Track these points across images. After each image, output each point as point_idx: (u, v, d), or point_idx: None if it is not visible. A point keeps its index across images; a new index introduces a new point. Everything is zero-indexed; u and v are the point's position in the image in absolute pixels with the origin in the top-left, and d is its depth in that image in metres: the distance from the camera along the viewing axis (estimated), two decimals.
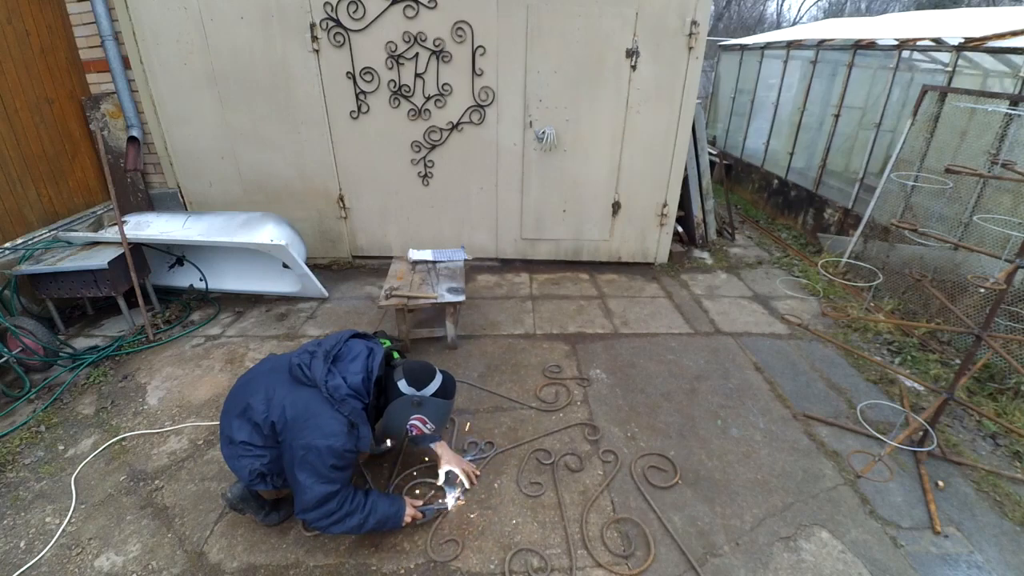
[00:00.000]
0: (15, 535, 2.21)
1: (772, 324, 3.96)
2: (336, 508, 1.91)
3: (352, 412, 1.93)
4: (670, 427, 2.86)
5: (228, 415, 2.05)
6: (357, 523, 1.96)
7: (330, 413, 1.90)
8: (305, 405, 1.92)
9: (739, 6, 23.35)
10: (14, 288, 3.47)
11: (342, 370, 2.00)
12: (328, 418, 1.89)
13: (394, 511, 2.07)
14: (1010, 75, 3.80)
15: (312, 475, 1.86)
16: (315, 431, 1.86)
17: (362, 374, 2.01)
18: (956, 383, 2.63)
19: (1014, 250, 2.95)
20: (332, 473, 1.88)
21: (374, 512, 2.00)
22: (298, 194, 4.66)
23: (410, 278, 3.62)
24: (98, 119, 4.29)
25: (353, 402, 1.95)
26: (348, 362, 2.04)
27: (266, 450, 1.98)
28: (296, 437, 1.87)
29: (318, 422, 1.88)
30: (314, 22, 4.02)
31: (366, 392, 2.01)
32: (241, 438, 1.98)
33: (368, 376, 2.02)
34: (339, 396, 1.93)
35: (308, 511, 1.90)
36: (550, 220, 4.81)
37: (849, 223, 5.10)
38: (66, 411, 2.95)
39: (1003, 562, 2.16)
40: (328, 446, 1.85)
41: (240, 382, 2.13)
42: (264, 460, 1.99)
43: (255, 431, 1.97)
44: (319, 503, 1.89)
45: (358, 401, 1.97)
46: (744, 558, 2.14)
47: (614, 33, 4.09)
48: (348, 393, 1.95)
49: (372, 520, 1.99)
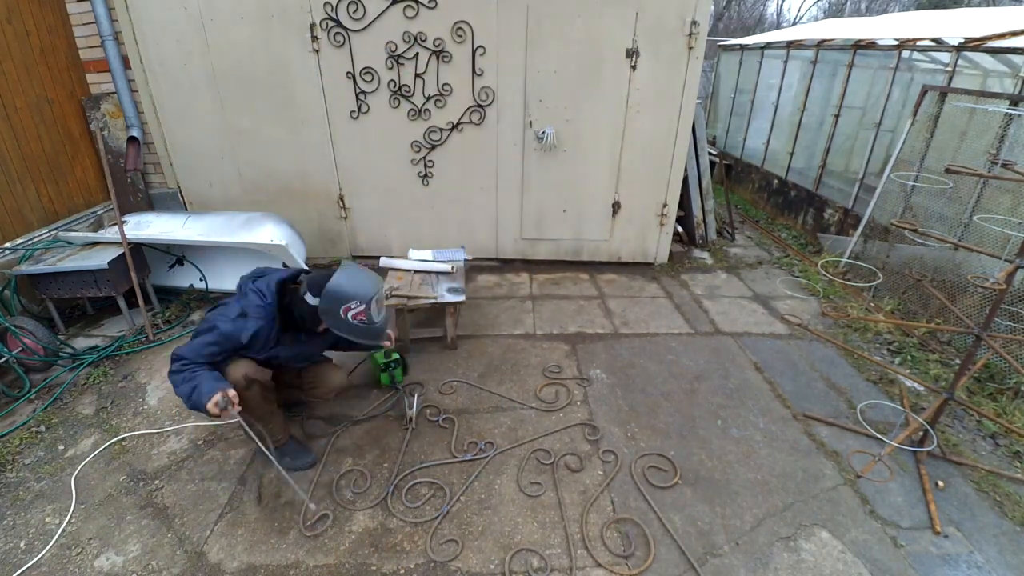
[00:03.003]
0: (15, 535, 2.21)
1: (772, 324, 3.96)
2: (180, 369, 2.09)
3: (247, 304, 2.22)
4: (670, 427, 2.86)
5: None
6: (183, 391, 2.06)
7: (232, 303, 2.26)
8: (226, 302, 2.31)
9: (739, 6, 23.35)
10: (14, 288, 3.47)
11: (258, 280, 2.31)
12: (230, 306, 2.24)
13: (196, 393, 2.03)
14: (1010, 75, 3.80)
15: (189, 344, 2.15)
16: (218, 313, 2.24)
17: (268, 279, 2.30)
18: (956, 383, 2.63)
19: (1014, 250, 2.96)
20: (200, 344, 2.13)
21: (192, 387, 2.04)
22: (298, 194, 4.66)
23: (410, 278, 3.61)
24: (98, 119, 4.29)
25: (253, 296, 2.23)
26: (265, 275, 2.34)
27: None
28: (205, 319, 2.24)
29: (223, 308, 2.27)
30: (314, 22, 4.02)
31: (268, 293, 2.25)
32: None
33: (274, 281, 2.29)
34: (243, 289, 2.27)
35: (172, 361, 2.13)
36: (550, 220, 4.81)
37: (849, 223, 5.10)
38: (66, 411, 2.95)
39: (1003, 562, 2.16)
40: (213, 321, 2.17)
41: None
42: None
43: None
44: (176, 359, 2.12)
45: (256, 297, 2.24)
46: (744, 558, 2.14)
47: (614, 33, 4.09)
48: (251, 288, 2.26)
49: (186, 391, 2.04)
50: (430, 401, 3.02)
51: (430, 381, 3.20)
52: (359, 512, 2.31)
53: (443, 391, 3.11)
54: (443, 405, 2.99)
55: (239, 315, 2.19)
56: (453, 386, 3.16)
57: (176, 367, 2.11)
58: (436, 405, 2.98)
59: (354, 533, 2.21)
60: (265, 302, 2.24)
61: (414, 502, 2.35)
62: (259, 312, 2.21)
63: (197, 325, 2.22)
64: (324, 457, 2.59)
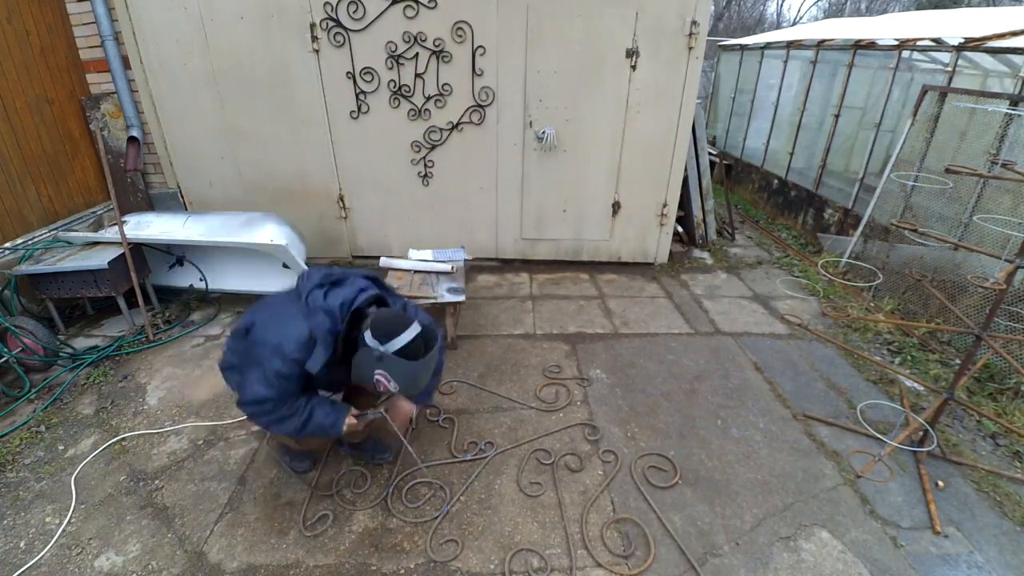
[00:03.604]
0: (15, 535, 2.21)
1: (772, 324, 3.96)
2: (273, 410, 1.95)
3: (317, 326, 1.90)
4: (670, 427, 2.86)
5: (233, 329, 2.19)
6: (294, 427, 1.98)
7: (297, 319, 1.91)
8: (280, 308, 1.99)
9: (739, 6, 23.35)
10: (14, 288, 3.47)
11: (331, 291, 2.00)
12: (293, 322, 1.90)
13: (332, 420, 2.04)
14: (1010, 75, 3.80)
15: (258, 374, 1.90)
16: (276, 329, 1.90)
17: (343, 299, 1.97)
18: (956, 383, 2.63)
19: (1014, 250, 2.96)
20: (276, 379, 1.89)
21: (312, 420, 2.00)
22: (298, 194, 4.66)
23: (410, 278, 3.61)
24: (98, 119, 4.29)
25: (323, 318, 1.91)
26: (341, 288, 2.03)
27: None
28: (258, 333, 1.95)
29: (282, 322, 1.91)
30: (314, 22, 4.02)
31: (340, 318, 1.95)
32: (238, 326, 2.11)
33: (348, 303, 1.97)
34: (313, 306, 1.93)
35: (246, 404, 1.96)
36: (550, 220, 4.81)
37: (849, 223, 5.10)
38: (66, 411, 2.95)
39: (1003, 562, 2.16)
40: (278, 345, 1.86)
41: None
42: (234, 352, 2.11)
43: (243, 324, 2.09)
44: (258, 401, 1.93)
45: (328, 320, 1.92)
46: (744, 558, 2.14)
47: (614, 33, 4.09)
48: (321, 307, 1.93)
49: (310, 426, 2.01)
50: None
51: None
52: (359, 512, 2.31)
53: (443, 391, 3.11)
54: (443, 405, 2.99)
55: (307, 340, 1.87)
56: (453, 386, 3.16)
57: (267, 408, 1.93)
58: (436, 405, 2.97)
59: (354, 533, 2.21)
60: (335, 328, 1.93)
61: (414, 502, 2.35)
62: (328, 339, 1.91)
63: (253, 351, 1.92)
64: (324, 457, 2.59)
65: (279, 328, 1.90)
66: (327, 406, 2.06)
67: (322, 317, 1.91)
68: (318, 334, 1.89)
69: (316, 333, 1.89)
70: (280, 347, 1.86)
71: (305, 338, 1.87)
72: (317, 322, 1.90)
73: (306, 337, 1.88)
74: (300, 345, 1.87)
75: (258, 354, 1.90)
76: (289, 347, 1.86)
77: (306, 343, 1.87)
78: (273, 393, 1.91)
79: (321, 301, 1.94)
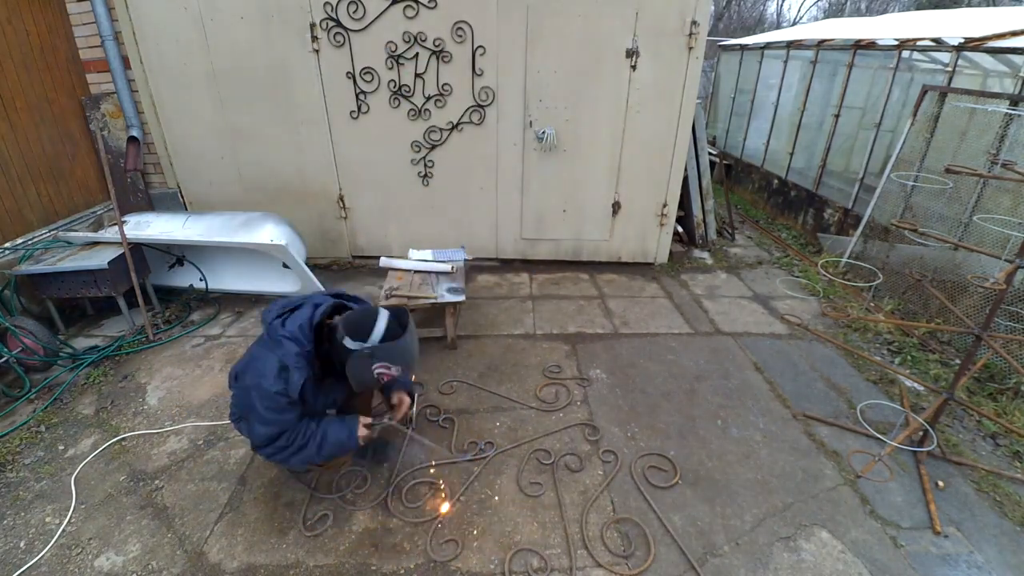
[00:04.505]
0: (15, 535, 2.21)
1: (772, 324, 3.96)
2: (287, 444, 2.01)
3: (285, 355, 1.96)
4: (670, 427, 2.86)
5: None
6: (312, 453, 2.05)
7: (266, 355, 1.98)
8: (253, 351, 2.07)
9: (739, 6, 23.35)
10: (14, 288, 3.47)
11: (289, 317, 2.07)
12: (263, 360, 1.97)
13: (346, 435, 2.11)
14: (1010, 75, 3.80)
15: (256, 416, 1.97)
16: (252, 372, 1.98)
17: (300, 321, 2.04)
18: (956, 383, 2.63)
19: (1014, 250, 2.96)
20: (270, 415, 1.95)
21: (326, 440, 2.07)
22: (298, 194, 4.66)
23: (410, 278, 3.61)
24: (98, 119, 4.29)
25: (289, 344, 1.98)
26: (298, 311, 2.09)
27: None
28: (240, 379, 2.03)
29: (255, 364, 1.99)
30: (314, 22, 4.02)
31: (304, 338, 2.02)
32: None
33: (307, 323, 2.04)
34: (275, 337, 2.00)
35: (262, 448, 2.04)
36: (550, 220, 4.81)
37: (849, 223, 5.10)
38: (66, 411, 2.95)
39: (1003, 562, 2.16)
40: (257, 384, 1.93)
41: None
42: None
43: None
44: (269, 440, 2.00)
45: (294, 344, 1.99)
46: (744, 558, 2.14)
47: (614, 33, 4.09)
48: (283, 335, 2.00)
49: (327, 447, 2.07)
50: (430, 401, 3.02)
51: (430, 381, 3.20)
52: (359, 512, 2.31)
53: (443, 391, 3.11)
54: (443, 405, 2.99)
55: (280, 370, 1.93)
56: (453, 386, 3.16)
57: (280, 445, 2.00)
58: (436, 405, 2.97)
59: (354, 533, 2.21)
60: (304, 349, 2.00)
61: (414, 502, 2.35)
62: (299, 362, 1.98)
63: (240, 398, 2.05)
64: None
65: (254, 369, 1.98)
66: (336, 423, 2.13)
67: (287, 344, 1.99)
68: (288, 361, 1.96)
69: (286, 360, 1.96)
70: (260, 386, 1.93)
71: (277, 369, 1.94)
72: (284, 351, 1.97)
73: (277, 368, 1.94)
74: (275, 378, 1.93)
75: (249, 400, 1.97)
76: (267, 383, 1.92)
77: (278, 374, 1.94)
78: (275, 429, 1.98)
79: (281, 329, 2.02)
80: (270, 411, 1.95)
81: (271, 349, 1.98)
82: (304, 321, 2.04)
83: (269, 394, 1.92)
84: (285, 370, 1.95)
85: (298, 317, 2.05)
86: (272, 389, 1.92)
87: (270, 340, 2.01)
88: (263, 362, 1.96)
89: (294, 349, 1.98)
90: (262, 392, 1.92)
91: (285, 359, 1.96)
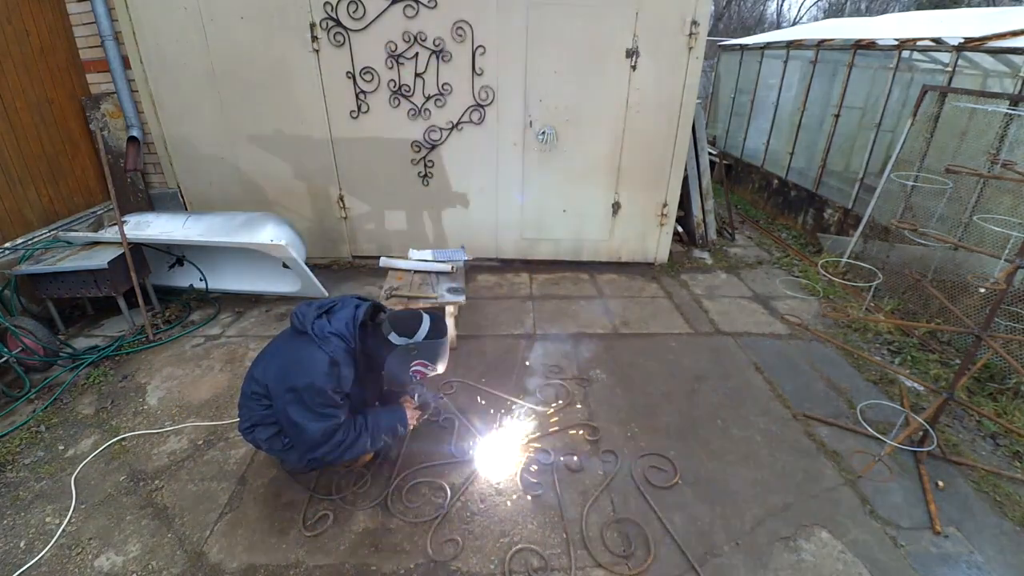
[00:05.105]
0: (15, 535, 2.21)
1: (772, 324, 3.96)
2: (343, 437, 2.05)
3: (334, 350, 2.02)
4: (670, 427, 2.86)
5: (243, 390, 2.23)
6: (367, 442, 2.12)
7: (313, 352, 2.00)
8: (294, 352, 2.07)
9: (739, 6, 23.35)
10: (14, 288, 3.47)
11: (332, 316, 2.13)
12: (311, 357, 1.99)
13: (398, 416, 2.25)
14: (1010, 75, 3.80)
15: (307, 413, 1.98)
16: (298, 372, 1.98)
17: (346, 319, 2.11)
18: (956, 383, 2.62)
19: (1014, 250, 2.95)
20: (325, 410, 1.99)
21: (378, 427, 2.16)
22: (298, 194, 4.65)
23: (410, 278, 3.61)
24: (98, 119, 4.29)
25: (336, 341, 2.04)
26: (337, 311, 2.16)
27: (268, 402, 2.13)
28: (283, 382, 2.01)
29: (302, 363, 2.00)
30: (314, 22, 4.02)
31: (350, 336, 2.08)
32: (252, 389, 2.16)
33: (352, 321, 2.11)
34: (322, 335, 2.04)
35: (318, 447, 2.03)
36: (550, 220, 4.81)
37: (849, 223, 5.10)
38: (66, 411, 2.95)
39: (1003, 562, 2.16)
40: (309, 383, 1.95)
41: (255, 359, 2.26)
42: (263, 409, 2.14)
43: (256, 386, 2.15)
44: (326, 437, 2.01)
45: (341, 342, 2.05)
46: (744, 558, 2.14)
47: (614, 33, 4.09)
48: (331, 332, 2.05)
49: (380, 434, 2.15)
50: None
51: (430, 381, 3.20)
52: (359, 512, 2.31)
53: (443, 391, 3.11)
54: (443, 404, 2.98)
55: (331, 366, 1.98)
56: (453, 386, 3.16)
57: (338, 440, 2.03)
58: (436, 404, 2.97)
59: (354, 533, 2.21)
60: (350, 346, 2.07)
61: (414, 502, 2.35)
62: (347, 359, 2.05)
63: (285, 400, 2.00)
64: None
65: (302, 369, 1.98)
66: (384, 411, 2.23)
67: (336, 341, 2.04)
68: (338, 357, 2.02)
69: (336, 356, 2.01)
70: (313, 385, 1.96)
71: (328, 365, 1.98)
72: (332, 347, 2.02)
73: (328, 364, 1.98)
74: (326, 375, 1.97)
75: (303, 401, 1.97)
76: (320, 381, 1.96)
77: (329, 370, 1.98)
78: (331, 424, 2.01)
79: (328, 327, 2.06)
80: (325, 407, 1.98)
81: (318, 346, 2.01)
82: (349, 319, 2.10)
83: (323, 391, 1.96)
84: (336, 365, 1.99)
85: (342, 316, 2.11)
86: (325, 386, 1.96)
87: (317, 338, 2.03)
88: (312, 360, 1.98)
89: (343, 346, 2.05)
90: (315, 390, 1.95)
91: (335, 355, 2.01)
